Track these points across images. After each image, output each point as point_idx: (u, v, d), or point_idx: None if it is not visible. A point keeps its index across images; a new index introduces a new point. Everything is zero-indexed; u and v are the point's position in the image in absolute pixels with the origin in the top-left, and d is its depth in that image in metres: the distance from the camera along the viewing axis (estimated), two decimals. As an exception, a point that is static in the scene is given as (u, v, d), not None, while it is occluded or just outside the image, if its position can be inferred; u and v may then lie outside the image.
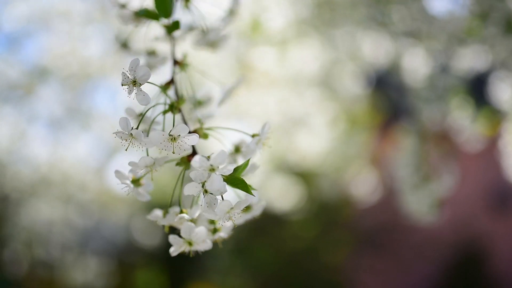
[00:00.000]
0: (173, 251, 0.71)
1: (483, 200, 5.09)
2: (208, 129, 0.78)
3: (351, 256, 4.89)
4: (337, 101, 3.32)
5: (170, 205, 0.77)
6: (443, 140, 2.23)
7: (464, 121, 2.25)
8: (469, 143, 2.40)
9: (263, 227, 4.36)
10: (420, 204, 2.02)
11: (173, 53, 0.86)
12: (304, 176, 4.27)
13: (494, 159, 2.83)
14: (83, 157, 3.78)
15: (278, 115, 3.23)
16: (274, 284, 4.67)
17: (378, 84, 3.71)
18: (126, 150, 0.69)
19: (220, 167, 0.66)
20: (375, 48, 2.51)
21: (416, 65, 2.22)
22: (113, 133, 0.69)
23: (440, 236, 4.72)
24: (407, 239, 4.88)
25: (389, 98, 3.66)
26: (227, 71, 2.83)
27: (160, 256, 4.68)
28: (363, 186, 4.55)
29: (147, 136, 0.69)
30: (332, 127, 3.52)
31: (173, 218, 0.74)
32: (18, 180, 3.56)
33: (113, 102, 4.03)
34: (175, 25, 0.84)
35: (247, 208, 0.73)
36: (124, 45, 0.99)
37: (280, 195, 3.89)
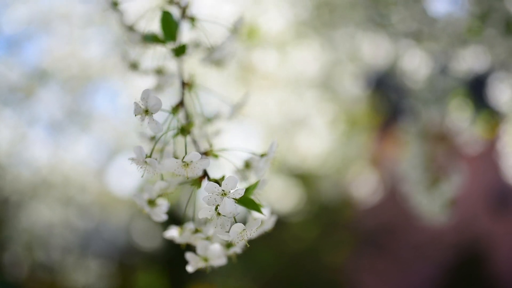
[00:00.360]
0: (190, 267, 0.76)
1: (483, 201, 5.10)
2: (219, 150, 0.81)
3: (352, 256, 4.89)
4: (337, 102, 3.32)
5: (183, 220, 0.81)
6: (442, 141, 2.23)
7: (463, 123, 2.25)
8: (468, 144, 2.41)
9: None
10: (432, 205, 2.02)
11: (181, 75, 0.88)
12: (305, 177, 4.28)
13: (494, 161, 2.83)
14: (84, 159, 3.78)
15: (278, 116, 3.24)
16: (275, 286, 4.67)
17: (378, 85, 3.71)
18: (142, 176, 0.73)
19: (232, 191, 0.68)
20: (374, 50, 2.52)
21: (416, 66, 2.22)
22: (129, 159, 0.72)
23: (441, 237, 4.72)
24: (408, 239, 4.89)
25: (388, 99, 3.66)
26: (227, 73, 2.83)
27: (160, 258, 4.68)
28: (363, 187, 4.55)
29: (161, 160, 0.74)
30: (332, 128, 3.52)
31: (189, 236, 0.77)
32: (18, 183, 3.56)
33: (114, 104, 4.03)
34: (182, 49, 0.87)
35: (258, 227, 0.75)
36: (133, 66, 1.01)
37: (280, 196, 3.89)
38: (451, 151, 2.18)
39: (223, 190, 0.68)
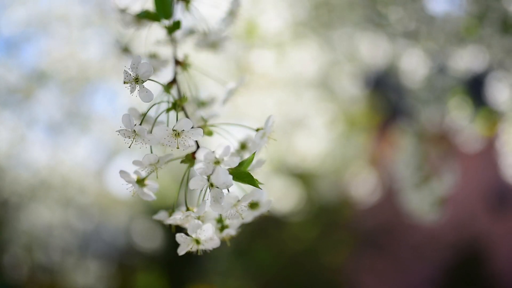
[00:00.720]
0: (181, 250, 0.70)
1: (482, 201, 5.10)
2: (212, 125, 0.78)
3: (351, 257, 4.90)
4: (336, 102, 3.32)
5: (175, 205, 0.76)
6: (441, 140, 2.24)
7: (462, 122, 2.26)
8: (467, 143, 2.41)
9: (263, 229, 4.36)
10: (422, 203, 2.03)
11: (174, 54, 0.86)
12: (304, 177, 4.28)
13: (492, 160, 2.83)
14: (83, 161, 3.78)
15: (277, 116, 3.24)
16: (275, 286, 4.67)
17: (377, 85, 3.71)
18: (129, 147, 0.69)
19: (225, 159, 0.65)
20: (373, 49, 2.52)
21: (414, 66, 2.23)
22: (116, 130, 0.69)
23: (440, 237, 4.73)
24: (407, 239, 4.89)
25: (387, 99, 3.67)
26: (225, 73, 2.83)
27: (160, 258, 4.68)
28: (362, 187, 4.55)
29: (151, 133, 0.69)
30: (331, 128, 3.52)
31: (180, 216, 0.72)
32: (18, 184, 3.56)
33: (112, 105, 4.03)
34: (176, 25, 0.84)
35: (255, 205, 0.72)
36: (126, 49, 0.99)
37: (279, 196, 3.90)
38: (449, 150, 2.19)
39: (216, 158, 0.65)
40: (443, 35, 1.92)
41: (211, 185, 0.66)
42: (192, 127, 0.67)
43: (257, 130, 0.76)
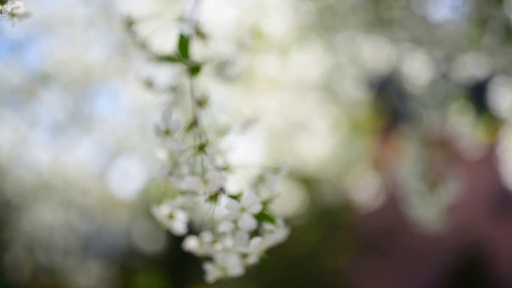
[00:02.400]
0: (209, 277, 0.80)
1: (484, 206, 5.09)
2: (236, 167, 0.85)
3: (353, 260, 4.89)
4: (339, 106, 3.32)
5: (200, 231, 0.84)
6: (443, 146, 2.23)
7: (464, 128, 2.25)
8: (469, 149, 2.40)
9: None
10: (429, 211, 2.03)
11: (194, 94, 0.90)
12: (306, 181, 4.27)
13: (494, 165, 2.82)
14: (85, 162, 3.78)
15: (279, 120, 3.23)
16: (276, 289, 4.67)
17: (380, 89, 3.70)
18: (163, 193, 0.79)
19: (250, 208, 0.73)
20: (376, 53, 2.51)
21: (417, 71, 2.22)
22: (151, 179, 0.77)
23: (442, 241, 4.71)
24: (409, 243, 4.88)
25: (391, 104, 3.66)
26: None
27: (162, 260, 4.68)
28: (364, 190, 4.55)
29: (182, 179, 0.76)
30: (334, 132, 3.52)
31: (208, 248, 0.81)
32: (20, 185, 3.56)
33: (115, 107, 4.04)
34: (198, 68, 0.88)
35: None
36: (148, 84, 1.02)
37: (282, 200, 3.89)
38: (451, 156, 2.18)
39: (242, 207, 0.72)
40: (445, 43, 1.91)
41: (237, 227, 0.74)
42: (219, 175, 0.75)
43: (275, 171, 0.86)
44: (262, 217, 0.76)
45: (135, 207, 4.47)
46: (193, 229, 0.88)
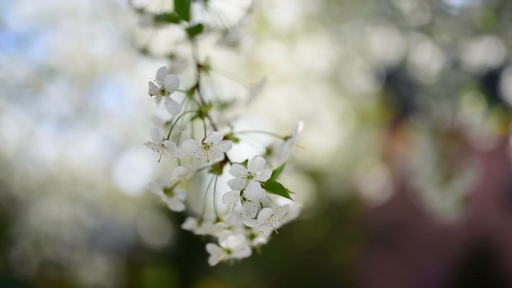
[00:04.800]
0: (212, 260, 0.70)
1: (494, 198, 5.04)
2: (240, 133, 0.77)
3: (362, 254, 4.87)
4: (347, 97, 3.29)
5: (203, 213, 0.76)
6: (454, 137, 2.19)
7: (475, 118, 2.21)
8: (480, 140, 2.36)
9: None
10: (445, 201, 1.98)
11: (195, 57, 0.84)
12: (314, 174, 4.25)
13: (505, 158, 2.78)
14: (91, 156, 3.77)
15: (287, 112, 3.20)
16: (285, 283, 4.65)
17: (388, 80, 3.67)
18: (158, 161, 0.68)
19: (258, 174, 0.64)
20: (384, 44, 2.48)
21: (427, 60, 2.19)
22: (144, 144, 0.68)
23: (452, 234, 4.68)
24: (418, 236, 4.85)
25: (399, 94, 3.62)
26: (235, 69, 2.80)
27: (169, 254, 4.67)
28: (373, 183, 4.51)
29: (179, 145, 0.69)
30: (342, 124, 3.48)
31: (209, 226, 0.73)
32: (27, 180, 3.56)
33: (121, 100, 4.02)
34: (198, 29, 0.83)
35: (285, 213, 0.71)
36: (144, 51, 0.97)
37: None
38: (463, 147, 2.14)
39: (249, 173, 0.64)
40: (459, 27, 1.87)
41: (244, 198, 0.66)
42: (222, 140, 0.67)
43: (286, 138, 0.76)
44: (273, 187, 0.66)
45: (142, 202, 4.46)
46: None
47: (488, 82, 2.26)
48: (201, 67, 0.83)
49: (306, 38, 2.76)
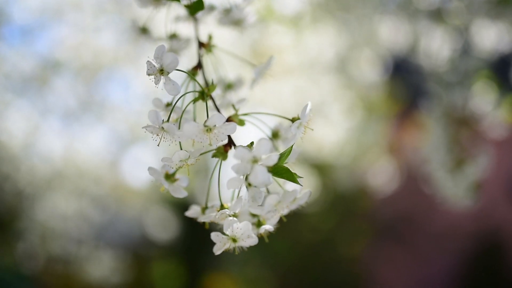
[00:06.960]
0: (217, 249, 0.66)
1: (504, 190, 5.01)
2: (244, 114, 0.73)
3: (369, 247, 4.85)
4: (354, 88, 3.26)
5: (207, 200, 0.72)
6: (465, 125, 2.16)
7: (487, 106, 2.17)
8: (491, 129, 2.33)
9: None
10: (457, 188, 1.94)
11: (197, 35, 0.81)
12: (321, 166, 4.22)
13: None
14: (98, 150, 3.77)
15: (293, 104, 3.18)
16: (292, 276, 4.64)
17: (396, 70, 3.64)
18: (158, 145, 0.65)
19: (264, 157, 0.60)
20: (393, 32, 2.45)
21: (437, 48, 2.16)
22: (143, 127, 0.65)
23: (460, 226, 4.66)
24: (426, 229, 4.83)
25: (407, 84, 3.59)
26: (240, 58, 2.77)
27: (176, 248, 4.66)
28: (380, 175, 4.49)
29: (180, 128, 0.65)
30: (349, 116, 3.46)
31: (214, 213, 0.68)
32: (33, 175, 3.55)
33: (126, 94, 4.01)
34: (199, 5, 0.79)
35: (293, 199, 0.67)
36: (144, 30, 0.94)
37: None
38: (474, 134, 2.11)
39: (254, 156, 0.60)
40: (472, 6, 1.83)
41: (249, 184, 0.62)
42: (225, 122, 0.63)
43: (293, 120, 0.72)
44: (280, 171, 0.62)
45: (148, 196, 4.45)
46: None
47: (500, 69, 2.23)
48: (204, 46, 0.80)
49: (312, 27, 2.73)
